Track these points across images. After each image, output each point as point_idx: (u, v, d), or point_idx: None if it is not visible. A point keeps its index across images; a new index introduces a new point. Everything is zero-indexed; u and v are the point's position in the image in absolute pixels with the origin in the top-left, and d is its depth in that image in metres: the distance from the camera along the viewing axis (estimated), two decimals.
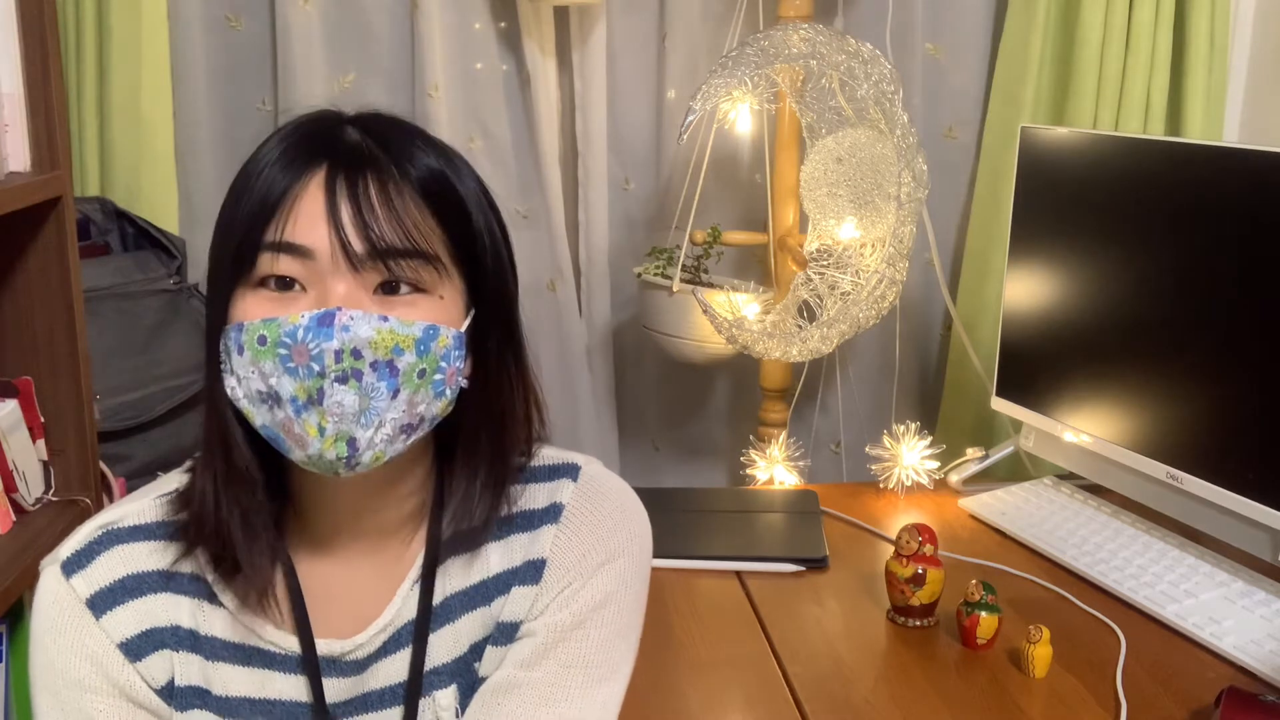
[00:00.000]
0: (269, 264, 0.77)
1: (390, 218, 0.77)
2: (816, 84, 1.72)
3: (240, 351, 0.78)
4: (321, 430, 0.77)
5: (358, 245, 0.77)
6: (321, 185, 0.77)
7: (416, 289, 0.79)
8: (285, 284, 0.78)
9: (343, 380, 0.76)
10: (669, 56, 2.02)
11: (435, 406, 0.81)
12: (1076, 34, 1.85)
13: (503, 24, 1.98)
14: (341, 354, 0.75)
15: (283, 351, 0.76)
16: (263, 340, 0.76)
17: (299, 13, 1.88)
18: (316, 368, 0.75)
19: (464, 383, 0.83)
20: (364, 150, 0.79)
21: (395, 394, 0.78)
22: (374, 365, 0.76)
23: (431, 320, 0.79)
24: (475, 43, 1.97)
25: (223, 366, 0.80)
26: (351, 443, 0.77)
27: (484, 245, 0.83)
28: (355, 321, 0.76)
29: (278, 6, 1.87)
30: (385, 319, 0.77)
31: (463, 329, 0.82)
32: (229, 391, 0.80)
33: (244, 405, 0.79)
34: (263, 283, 0.78)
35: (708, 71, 1.70)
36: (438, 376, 0.80)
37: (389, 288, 0.79)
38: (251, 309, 0.78)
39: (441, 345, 0.80)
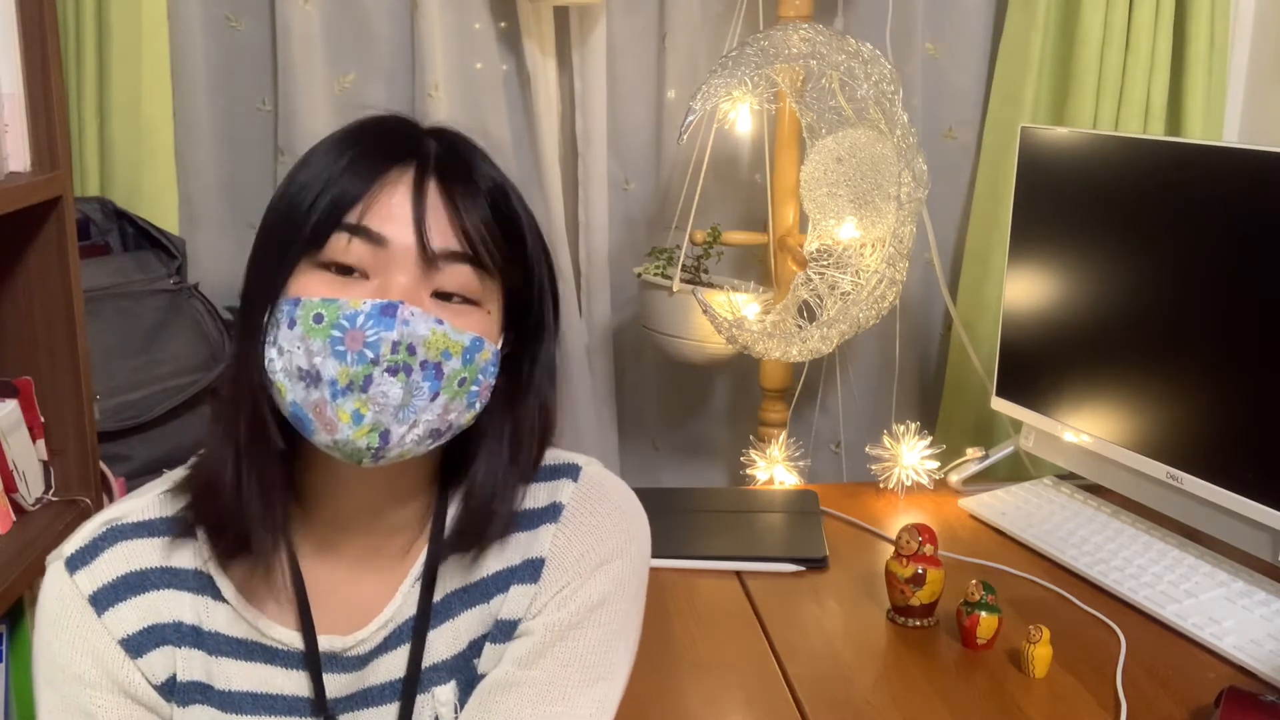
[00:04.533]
0: (341, 247, 0.79)
1: (472, 224, 0.81)
2: (816, 84, 1.72)
3: (291, 325, 0.79)
4: (357, 418, 0.78)
5: (436, 241, 0.79)
6: (409, 184, 0.80)
7: (468, 300, 0.82)
8: (346, 270, 0.79)
9: (393, 372, 0.78)
10: (669, 56, 2.01)
11: (464, 416, 0.83)
12: (1076, 34, 1.85)
13: (503, 24, 1.98)
14: (398, 346, 0.77)
15: (336, 334, 0.77)
16: (319, 319, 0.78)
17: (299, 13, 1.88)
18: (370, 355, 0.77)
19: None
20: (446, 160, 0.82)
21: (435, 397, 0.80)
22: (424, 364, 0.79)
23: (478, 332, 0.82)
24: (475, 43, 1.97)
25: (267, 338, 0.80)
26: (385, 435, 0.79)
27: (532, 274, 0.86)
28: (415, 318, 0.78)
29: (278, 6, 1.87)
30: (441, 322, 0.79)
31: (498, 347, 0.84)
32: (266, 364, 0.80)
33: (279, 379, 0.80)
34: (326, 266, 0.79)
35: (708, 71, 1.70)
36: (474, 388, 0.82)
37: (445, 295, 0.81)
38: (312, 286, 0.79)
39: (484, 358, 0.82)
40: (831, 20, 1.99)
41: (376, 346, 0.77)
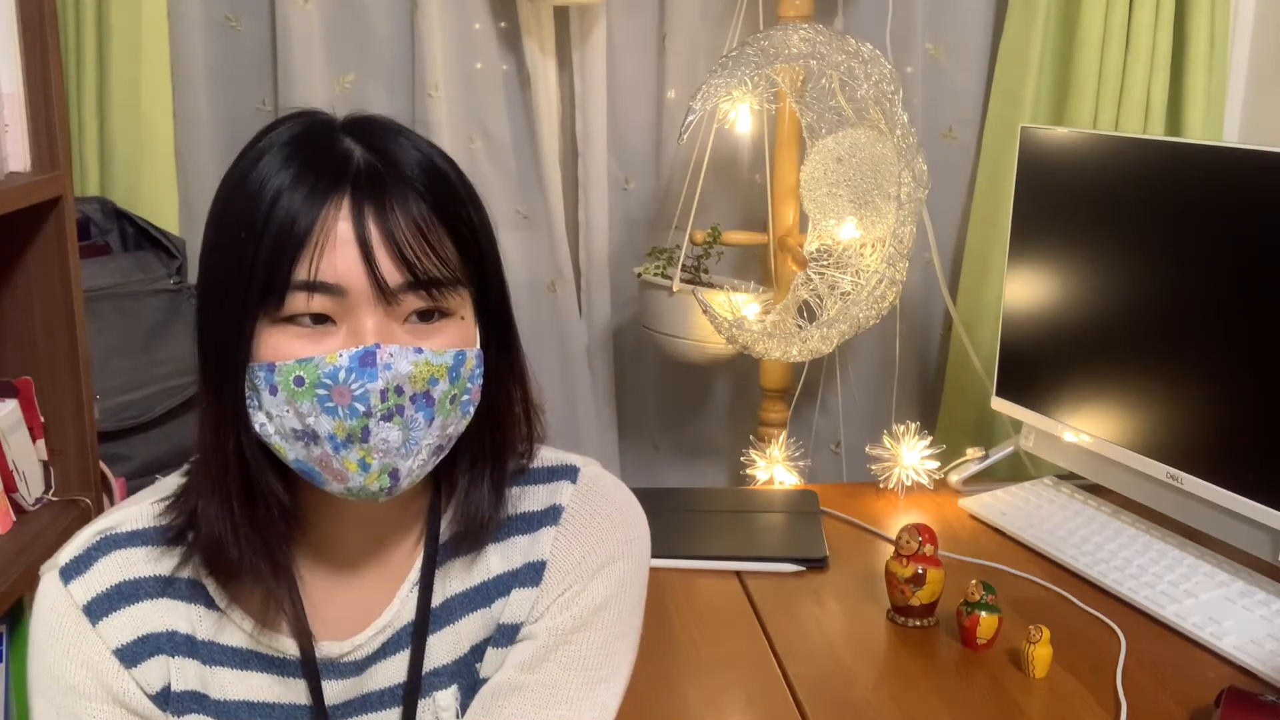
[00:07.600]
0: (302, 303, 0.75)
1: (424, 249, 0.76)
2: (816, 84, 1.72)
3: (273, 392, 0.77)
4: (364, 466, 0.77)
5: (392, 279, 0.75)
6: (348, 218, 0.75)
7: (443, 315, 0.79)
8: (319, 319, 0.76)
9: (388, 418, 0.76)
10: (669, 56, 2.02)
11: (461, 424, 0.82)
12: (1076, 34, 1.85)
13: (503, 24, 1.98)
14: (386, 393, 0.75)
15: (321, 392, 0.75)
16: (300, 381, 0.76)
17: (299, 13, 1.88)
18: (361, 408, 0.75)
19: None
20: (377, 171, 0.77)
21: (431, 422, 0.78)
22: (414, 398, 0.77)
23: (457, 343, 0.79)
24: (475, 43, 1.97)
25: (249, 403, 0.78)
26: (394, 473, 0.78)
27: (485, 245, 0.82)
28: (395, 358, 0.76)
29: (278, 7, 1.88)
30: (420, 351, 0.77)
31: (478, 345, 0.82)
32: (258, 428, 0.79)
33: (275, 442, 0.79)
34: (291, 319, 0.76)
35: (708, 71, 1.70)
36: (465, 397, 0.81)
37: (423, 316, 0.78)
38: (282, 347, 0.76)
39: (469, 368, 0.80)
40: (831, 20, 1.99)
41: (365, 399, 0.75)
